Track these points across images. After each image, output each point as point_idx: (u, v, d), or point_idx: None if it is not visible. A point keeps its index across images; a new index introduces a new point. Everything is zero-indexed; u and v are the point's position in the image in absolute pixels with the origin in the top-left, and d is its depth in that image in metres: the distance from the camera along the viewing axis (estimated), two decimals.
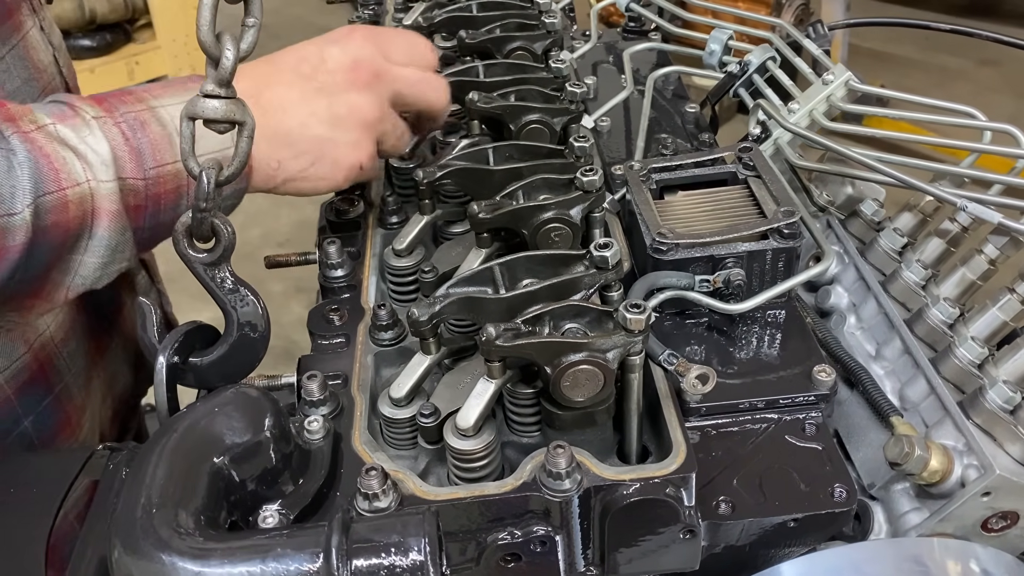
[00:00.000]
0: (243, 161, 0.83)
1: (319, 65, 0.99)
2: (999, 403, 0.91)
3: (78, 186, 0.84)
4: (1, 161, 0.80)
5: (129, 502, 0.70)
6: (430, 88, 1.07)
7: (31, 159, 0.81)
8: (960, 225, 1.08)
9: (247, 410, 0.78)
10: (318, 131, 0.98)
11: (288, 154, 0.97)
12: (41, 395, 1.06)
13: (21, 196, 0.80)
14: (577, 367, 0.80)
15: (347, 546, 0.67)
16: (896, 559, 0.88)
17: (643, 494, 0.79)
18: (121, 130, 0.88)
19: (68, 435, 1.11)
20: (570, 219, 0.97)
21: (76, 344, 1.11)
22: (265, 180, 0.97)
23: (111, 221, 0.87)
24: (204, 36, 0.79)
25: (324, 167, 0.99)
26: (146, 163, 0.89)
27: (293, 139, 0.97)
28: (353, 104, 0.99)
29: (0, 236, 0.79)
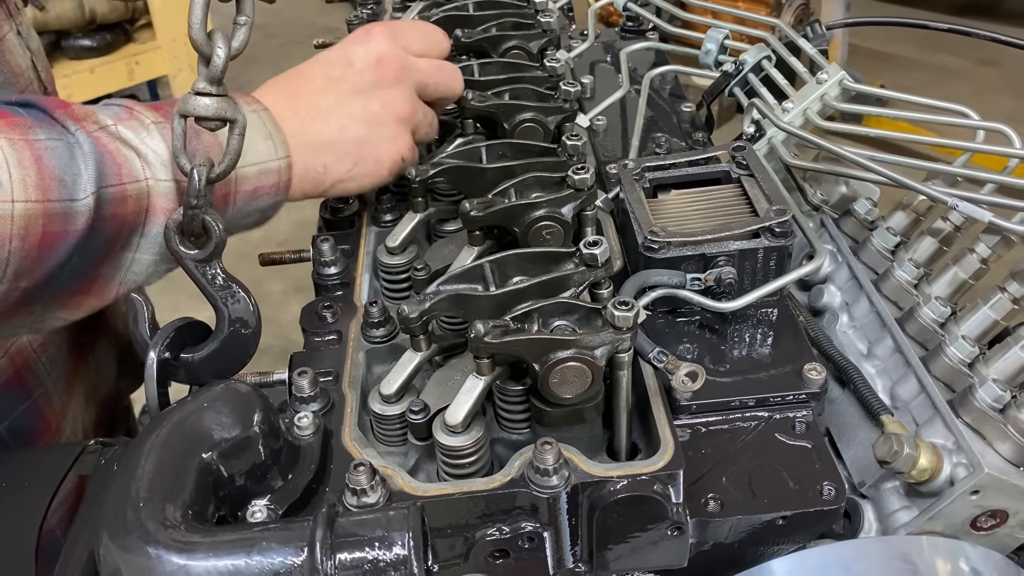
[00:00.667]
0: (234, 159, 0.84)
1: (347, 67, 1.02)
2: (989, 402, 0.91)
3: (137, 183, 0.86)
4: (66, 152, 0.82)
5: (117, 496, 0.71)
6: (448, 76, 1.10)
7: (96, 152, 0.83)
8: (952, 224, 1.08)
9: (236, 405, 0.79)
10: (357, 132, 1.01)
11: (332, 158, 1.00)
12: (18, 400, 1.07)
13: (84, 184, 0.82)
14: (565, 364, 0.80)
15: (331, 540, 0.67)
16: (885, 557, 0.88)
17: (631, 491, 0.80)
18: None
19: (48, 439, 1.11)
20: (561, 217, 0.97)
21: (57, 349, 1.12)
22: (315, 186, 1.00)
23: (165, 219, 0.88)
24: (196, 34, 0.80)
25: (368, 165, 1.02)
26: None
27: (334, 143, 1.00)
28: (386, 100, 1.02)
29: (62, 220, 0.80)
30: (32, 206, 0.78)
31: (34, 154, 0.79)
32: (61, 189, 0.80)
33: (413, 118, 1.05)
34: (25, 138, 0.79)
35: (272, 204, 0.97)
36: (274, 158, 0.94)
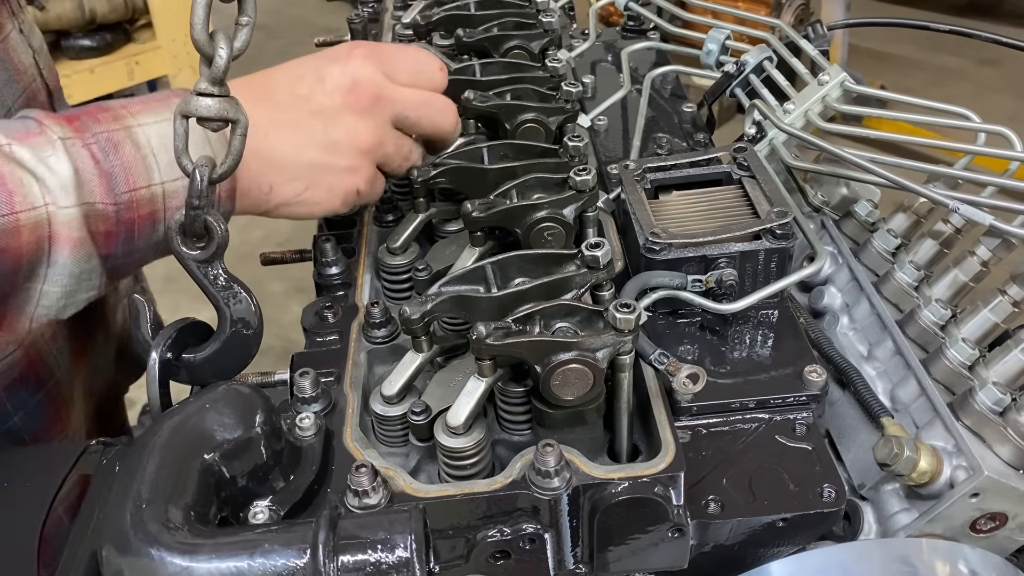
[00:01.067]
0: (236, 159, 0.83)
1: (316, 86, 0.95)
2: (989, 405, 0.91)
3: (33, 210, 0.80)
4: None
5: (119, 497, 0.71)
6: (435, 110, 1.03)
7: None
8: (953, 227, 1.08)
9: (238, 406, 0.79)
10: (313, 156, 0.94)
11: (281, 179, 0.94)
12: (32, 391, 1.06)
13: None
14: (567, 366, 0.80)
15: (334, 542, 0.67)
16: (885, 559, 0.88)
17: (632, 493, 0.80)
18: (91, 152, 0.83)
19: (59, 431, 1.11)
20: (563, 218, 0.97)
21: (63, 341, 1.12)
22: (256, 204, 0.94)
23: (73, 248, 0.82)
24: (198, 34, 0.79)
25: (319, 192, 0.96)
26: (118, 187, 0.84)
27: (287, 163, 0.94)
28: (350, 129, 0.96)
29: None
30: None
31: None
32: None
33: (379, 150, 0.99)
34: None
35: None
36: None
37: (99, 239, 0.85)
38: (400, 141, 1.01)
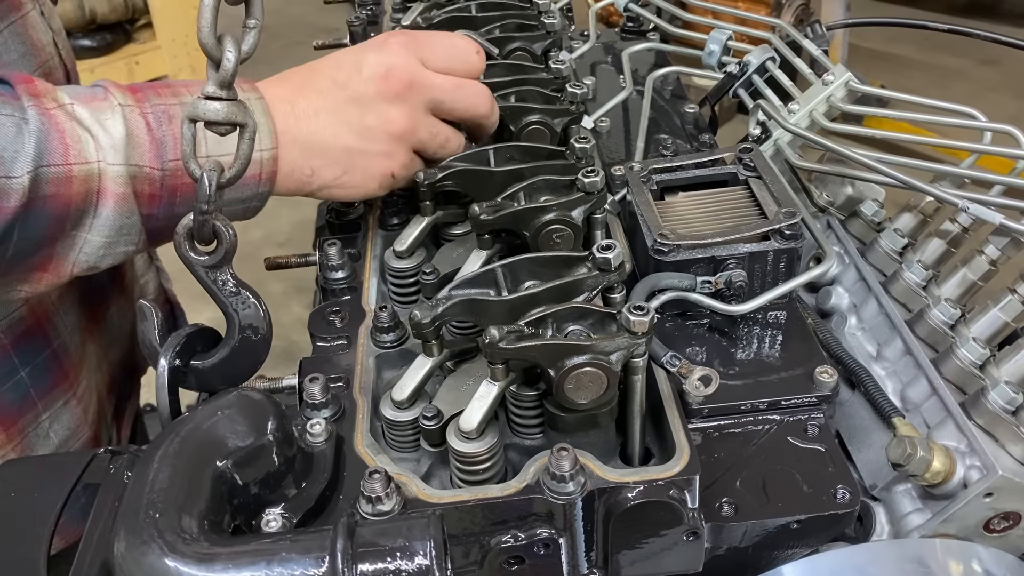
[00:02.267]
0: (244, 163, 0.83)
1: (354, 74, 0.99)
2: (1001, 404, 0.91)
3: (86, 164, 0.86)
4: (11, 127, 0.83)
5: (132, 506, 0.70)
6: (468, 95, 1.05)
7: (41, 131, 0.84)
8: (960, 226, 1.08)
9: (250, 413, 0.78)
10: (349, 141, 0.99)
11: (321, 162, 0.99)
12: (39, 348, 1.09)
13: (22, 162, 0.83)
14: (580, 369, 0.80)
15: (352, 550, 0.66)
16: (899, 560, 0.88)
17: (647, 496, 0.79)
18: (146, 120, 0.90)
19: (66, 388, 1.13)
20: (572, 220, 0.96)
21: (70, 304, 1.15)
22: (300, 186, 1.00)
23: (117, 203, 0.89)
24: (205, 38, 0.79)
25: (356, 176, 1.01)
26: (166, 155, 0.90)
27: (327, 148, 0.99)
28: (383, 115, 0.99)
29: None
30: None
31: None
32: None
33: (413, 136, 1.02)
34: None
35: (254, 195, 0.96)
36: (256, 149, 0.91)
37: (143, 200, 0.91)
38: (435, 128, 1.04)
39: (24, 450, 1.08)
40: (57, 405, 1.12)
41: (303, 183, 0.99)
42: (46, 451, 1.11)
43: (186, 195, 0.92)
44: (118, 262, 0.95)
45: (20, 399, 1.07)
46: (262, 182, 0.95)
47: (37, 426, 1.09)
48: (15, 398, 1.07)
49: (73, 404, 1.14)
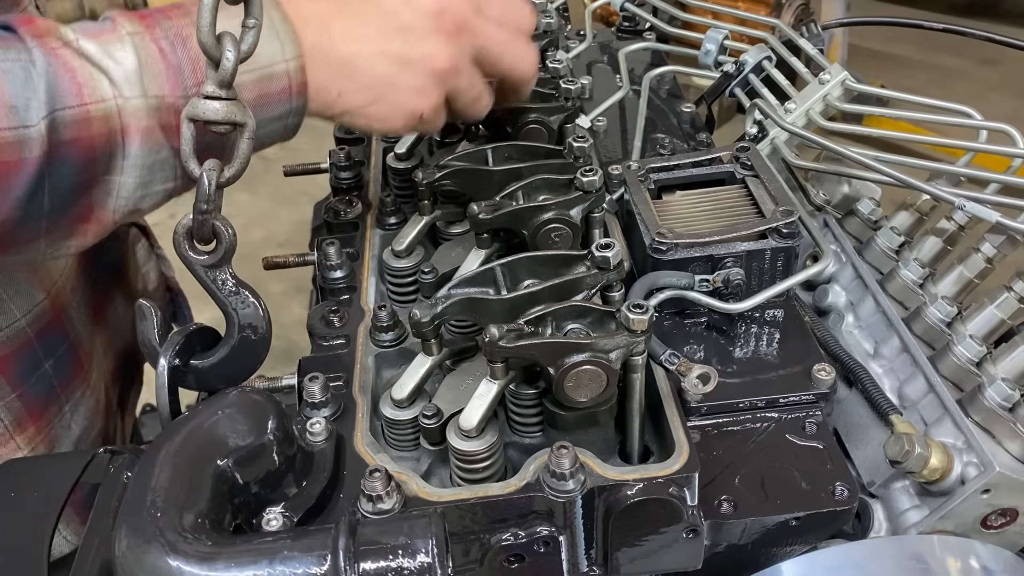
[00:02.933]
0: (243, 163, 0.83)
1: (404, 5, 0.94)
2: (998, 401, 0.91)
3: (103, 103, 0.82)
4: (19, 72, 0.78)
5: (134, 506, 0.70)
6: (517, 53, 1.01)
7: (50, 72, 0.79)
8: (957, 224, 1.09)
9: (250, 412, 0.78)
10: (385, 70, 0.94)
11: (351, 87, 0.93)
12: (59, 340, 1.09)
13: (36, 108, 0.78)
14: (580, 368, 0.80)
15: (354, 548, 0.66)
16: (897, 557, 0.88)
17: (646, 494, 0.79)
18: (159, 47, 0.84)
19: (82, 380, 1.13)
20: (570, 219, 0.97)
21: (82, 294, 1.15)
22: (323, 107, 0.94)
23: (142, 138, 0.84)
24: (204, 37, 0.79)
25: (384, 107, 0.95)
26: (186, 80, 0.85)
27: (358, 72, 0.93)
28: (428, 50, 0.94)
29: (16, 148, 0.78)
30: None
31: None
32: (11, 116, 0.77)
33: (452, 79, 0.97)
34: None
35: (288, 111, 0.91)
36: (280, 60, 0.87)
37: (171, 132, 0.85)
38: (474, 79, 0.99)
39: (51, 442, 1.08)
40: (76, 396, 1.13)
41: (327, 105, 0.93)
42: (69, 442, 1.11)
43: None
44: (160, 202, 0.90)
45: (46, 392, 1.08)
46: (294, 95, 0.89)
47: (61, 418, 1.10)
48: (41, 390, 1.07)
49: (88, 395, 1.15)
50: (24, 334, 1.04)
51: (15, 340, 1.03)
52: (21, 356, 1.04)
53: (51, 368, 1.08)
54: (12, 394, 1.03)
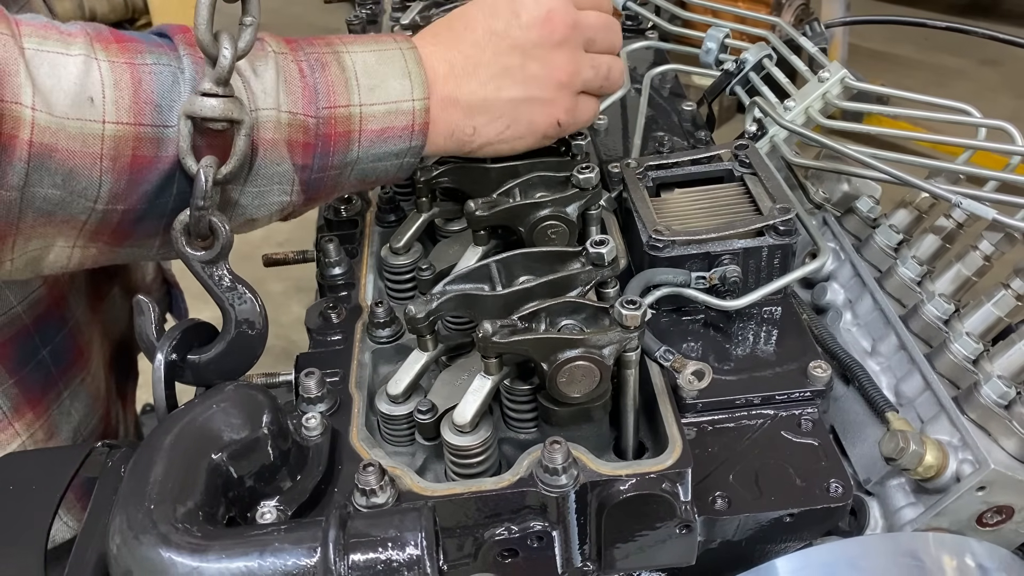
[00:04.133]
0: (241, 159, 0.83)
1: (511, 20, 0.94)
2: (994, 398, 0.91)
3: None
4: (168, 76, 0.82)
5: (128, 498, 0.71)
6: (613, 31, 1.02)
7: (196, 80, 0.82)
8: (955, 221, 1.09)
9: (245, 406, 0.79)
10: (512, 93, 0.95)
11: (484, 120, 0.95)
12: (56, 327, 1.10)
13: (179, 111, 0.81)
14: (573, 363, 0.80)
15: (344, 540, 0.67)
16: (892, 554, 0.88)
17: (639, 489, 0.80)
18: (300, 67, 0.88)
19: (81, 367, 1.14)
20: (567, 216, 0.97)
21: (80, 283, 1.16)
22: (460, 146, 0.96)
23: (266, 150, 0.86)
24: (202, 35, 0.79)
25: (520, 128, 0.97)
26: (320, 102, 0.88)
27: (488, 105, 0.94)
28: (548, 62, 0.95)
29: (153, 145, 0.81)
30: (123, 128, 0.79)
31: (134, 77, 0.80)
32: (155, 114, 0.80)
33: (577, 79, 0.98)
34: (131, 61, 0.80)
35: (407, 149, 0.93)
36: (408, 98, 0.90)
37: (296, 148, 0.88)
38: (596, 62, 1.00)
39: (51, 428, 1.09)
40: (75, 383, 1.14)
41: (463, 142, 0.96)
42: (69, 428, 1.12)
43: (339, 145, 0.89)
44: (274, 216, 0.92)
45: (44, 379, 1.09)
46: (415, 134, 0.91)
47: (59, 404, 1.11)
48: (39, 377, 1.08)
49: (88, 381, 1.16)
50: (20, 320, 1.05)
51: (12, 327, 1.04)
52: (18, 343, 1.05)
53: (48, 355, 1.09)
54: (10, 380, 1.04)
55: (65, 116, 0.77)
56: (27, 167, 0.75)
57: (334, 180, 0.92)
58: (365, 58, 0.91)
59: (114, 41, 0.81)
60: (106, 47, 0.80)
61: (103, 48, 0.80)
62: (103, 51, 0.80)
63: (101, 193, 0.80)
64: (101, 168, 0.79)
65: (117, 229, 0.84)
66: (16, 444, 1.04)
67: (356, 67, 0.90)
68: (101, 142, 0.78)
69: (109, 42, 0.81)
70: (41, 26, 0.79)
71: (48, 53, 0.77)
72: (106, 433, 1.20)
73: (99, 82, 0.78)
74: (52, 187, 0.78)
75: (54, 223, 0.81)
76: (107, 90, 0.78)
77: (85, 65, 0.78)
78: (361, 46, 0.92)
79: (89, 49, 0.79)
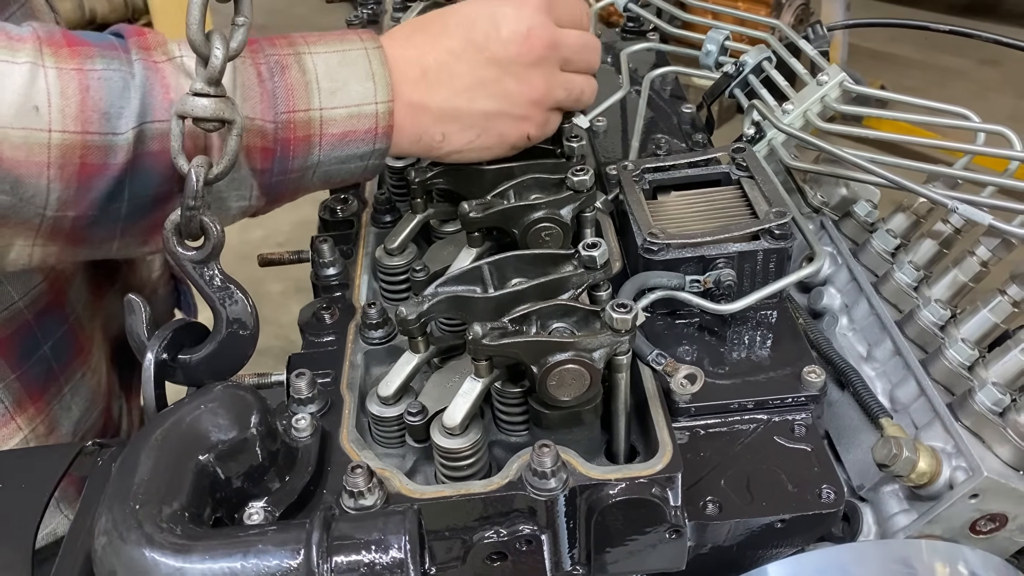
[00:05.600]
0: (232, 160, 0.83)
1: (492, 32, 0.94)
2: (988, 405, 0.91)
3: None
4: (118, 82, 0.81)
5: (114, 498, 0.71)
6: (591, 51, 1.03)
7: (147, 85, 0.82)
8: (952, 227, 1.08)
9: (233, 407, 0.78)
10: (485, 105, 0.95)
11: (454, 128, 0.95)
12: (58, 321, 1.10)
13: (127, 118, 0.81)
14: (563, 367, 0.80)
15: (328, 543, 0.67)
16: (884, 561, 0.88)
17: (629, 494, 0.79)
18: (259, 71, 0.87)
19: (82, 361, 1.14)
20: (560, 219, 0.97)
21: (82, 278, 1.16)
22: (428, 150, 0.97)
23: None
24: (194, 35, 0.79)
25: (489, 139, 0.97)
26: (278, 107, 0.87)
27: (460, 114, 0.95)
28: (523, 79, 0.96)
29: (102, 153, 0.80)
30: (70, 137, 0.78)
31: (82, 84, 0.79)
32: (103, 122, 0.80)
33: (551, 97, 0.99)
34: (80, 67, 0.80)
35: (370, 152, 0.92)
36: (371, 101, 0.90)
37: (255, 154, 0.88)
38: (570, 83, 1.01)
39: (51, 423, 1.09)
40: (76, 377, 1.14)
41: (432, 148, 0.96)
42: (70, 423, 1.12)
43: (299, 150, 0.89)
44: (235, 218, 0.92)
45: (45, 373, 1.09)
46: (378, 137, 0.91)
47: (60, 399, 1.11)
48: (40, 372, 1.08)
49: (89, 376, 1.16)
50: (22, 316, 1.05)
51: (13, 322, 1.04)
52: (19, 338, 1.05)
53: (49, 350, 1.09)
54: (12, 375, 1.04)
55: (9, 126, 0.77)
56: None
57: (295, 183, 0.92)
58: (327, 59, 0.90)
59: (65, 45, 0.81)
60: (56, 52, 0.80)
61: (52, 54, 0.80)
62: (52, 57, 0.79)
63: (50, 200, 0.80)
64: (48, 176, 0.78)
65: (71, 234, 0.84)
66: (18, 438, 1.04)
67: (317, 69, 0.89)
68: (48, 151, 0.78)
69: (60, 46, 0.81)
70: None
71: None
72: (107, 427, 1.20)
73: (44, 90, 0.78)
74: (1, 193, 0.78)
75: (8, 225, 0.81)
76: (53, 98, 0.78)
77: (31, 73, 0.78)
78: (324, 46, 0.91)
79: (37, 56, 0.79)
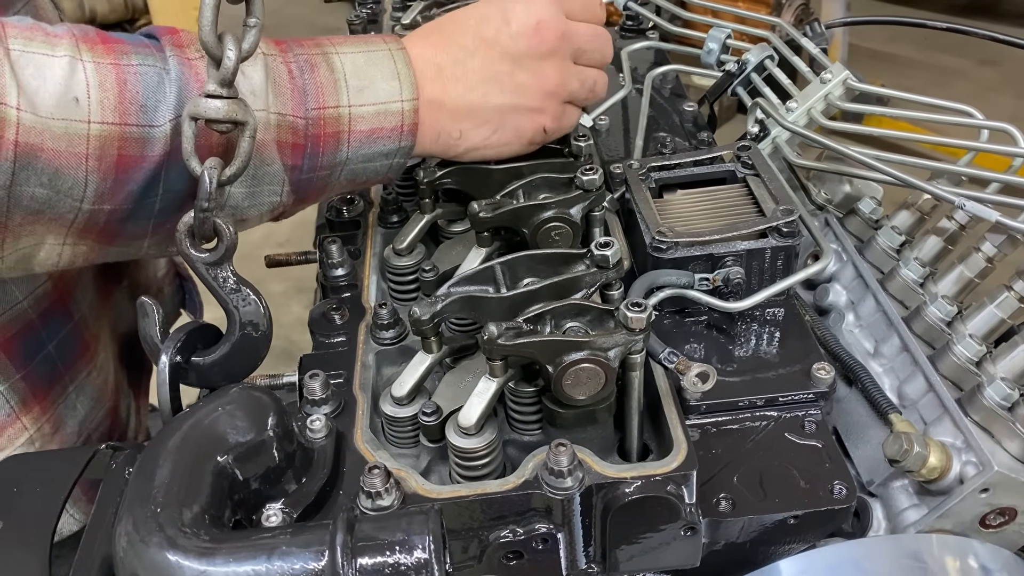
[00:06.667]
0: (245, 161, 0.83)
1: (502, 27, 0.96)
2: (997, 400, 0.91)
3: None
4: (154, 77, 0.82)
5: (134, 501, 0.71)
6: (603, 43, 1.04)
7: (182, 80, 0.83)
8: (958, 223, 1.09)
9: (251, 409, 0.79)
10: (499, 100, 0.96)
11: (470, 124, 0.96)
12: (63, 321, 1.10)
13: (164, 111, 0.82)
14: (578, 366, 0.80)
15: (352, 544, 0.67)
16: (895, 555, 0.88)
17: (644, 492, 0.80)
18: (289, 68, 0.89)
19: (87, 361, 1.14)
20: (570, 218, 0.97)
21: (88, 277, 1.16)
22: (446, 149, 0.97)
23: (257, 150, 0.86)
24: (206, 36, 0.79)
25: (506, 134, 0.98)
26: (308, 103, 0.89)
27: (475, 110, 0.96)
28: (536, 71, 0.97)
29: (139, 145, 0.81)
30: (108, 128, 0.79)
31: (119, 77, 0.80)
32: (140, 114, 0.81)
33: (564, 89, 0.99)
34: (116, 62, 0.81)
35: (396, 150, 0.94)
36: (397, 99, 0.91)
37: (286, 149, 0.89)
38: (583, 75, 1.02)
39: (57, 422, 1.09)
40: (81, 377, 1.13)
41: (450, 146, 0.97)
42: (75, 422, 1.12)
43: (329, 146, 0.90)
44: (265, 216, 0.93)
45: (50, 372, 1.09)
46: (404, 135, 0.93)
47: (65, 398, 1.11)
48: (45, 371, 1.08)
49: (95, 375, 1.16)
50: (27, 315, 1.04)
51: (18, 321, 1.04)
52: (24, 337, 1.05)
53: (54, 349, 1.09)
54: (17, 375, 1.04)
55: (50, 116, 0.77)
56: (13, 167, 0.76)
57: (324, 180, 0.93)
58: (354, 59, 0.92)
59: (100, 42, 0.82)
60: (92, 48, 0.81)
61: (89, 49, 0.81)
62: (88, 52, 0.81)
63: (87, 193, 0.81)
64: (87, 168, 0.79)
65: (104, 228, 0.85)
66: (24, 438, 1.04)
67: (345, 68, 0.91)
68: (87, 142, 0.79)
69: (95, 43, 0.82)
70: (27, 28, 0.80)
71: (33, 55, 0.78)
72: (114, 427, 1.20)
73: (84, 83, 0.79)
74: (39, 186, 0.78)
75: (42, 221, 0.81)
76: (92, 90, 0.79)
77: (70, 66, 0.79)
78: (350, 47, 0.93)
79: (75, 50, 0.80)
